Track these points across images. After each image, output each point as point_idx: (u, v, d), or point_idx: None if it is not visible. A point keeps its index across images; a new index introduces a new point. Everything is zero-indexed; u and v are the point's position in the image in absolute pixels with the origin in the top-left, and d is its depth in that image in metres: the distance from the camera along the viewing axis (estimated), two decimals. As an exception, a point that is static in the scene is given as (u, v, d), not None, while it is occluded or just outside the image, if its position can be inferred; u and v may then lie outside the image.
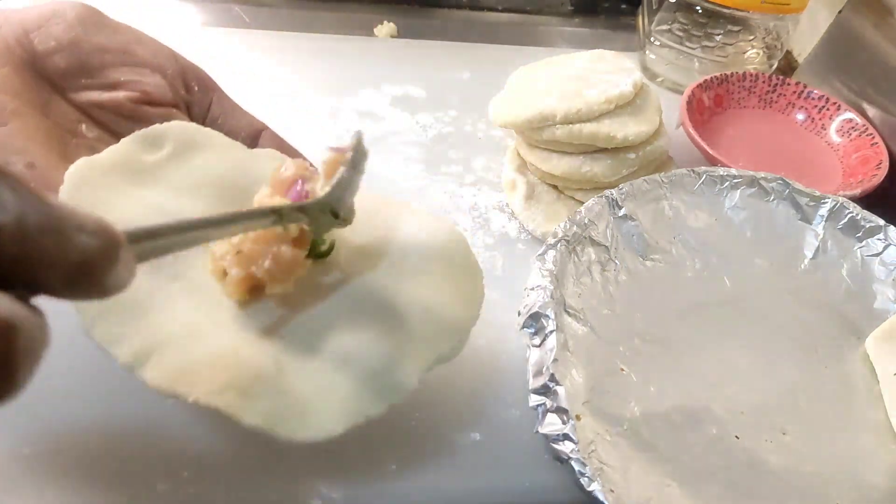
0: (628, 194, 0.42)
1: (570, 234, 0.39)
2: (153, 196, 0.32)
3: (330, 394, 0.29)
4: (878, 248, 0.43)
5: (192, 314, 0.30)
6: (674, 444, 0.34)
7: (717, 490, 0.32)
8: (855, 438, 0.36)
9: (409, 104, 0.57)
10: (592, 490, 0.29)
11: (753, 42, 0.63)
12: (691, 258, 0.42)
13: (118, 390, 0.36)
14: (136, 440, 0.34)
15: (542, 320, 0.34)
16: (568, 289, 0.37)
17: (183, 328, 0.29)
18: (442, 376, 0.39)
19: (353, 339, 0.31)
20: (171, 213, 0.32)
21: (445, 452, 0.36)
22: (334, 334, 0.31)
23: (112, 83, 0.35)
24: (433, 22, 0.71)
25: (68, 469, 0.33)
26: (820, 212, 0.44)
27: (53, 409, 0.35)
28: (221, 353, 0.29)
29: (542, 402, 0.31)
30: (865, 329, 0.41)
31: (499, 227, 0.48)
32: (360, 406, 0.30)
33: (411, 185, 0.50)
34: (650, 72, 0.66)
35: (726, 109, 0.60)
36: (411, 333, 0.31)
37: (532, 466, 0.36)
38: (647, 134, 0.45)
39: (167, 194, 0.33)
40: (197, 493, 0.33)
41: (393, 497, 0.34)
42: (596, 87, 0.45)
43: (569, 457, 0.30)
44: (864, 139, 0.56)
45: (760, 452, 0.34)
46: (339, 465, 0.35)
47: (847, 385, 0.38)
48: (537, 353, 0.33)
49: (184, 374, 0.28)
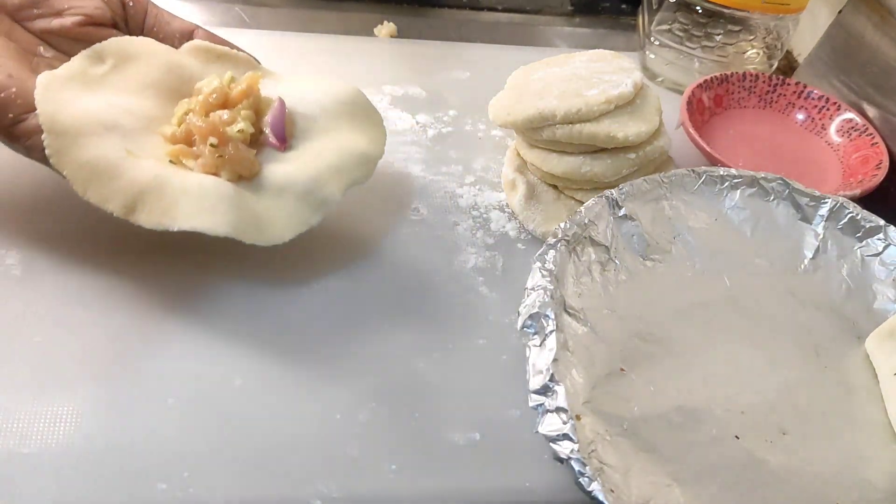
0: (628, 194, 0.42)
1: (570, 234, 0.39)
2: (107, 97, 0.40)
3: (278, 211, 0.39)
4: (878, 248, 0.43)
5: (158, 169, 0.38)
6: (674, 444, 0.34)
7: (717, 490, 0.32)
8: (855, 438, 0.36)
9: (409, 104, 0.57)
10: (592, 490, 0.29)
11: (753, 42, 0.63)
12: (691, 258, 0.42)
13: (118, 390, 0.36)
14: (136, 440, 0.34)
15: (542, 320, 0.34)
16: (568, 289, 0.37)
17: (156, 177, 0.37)
18: (442, 376, 0.39)
19: (288, 174, 0.40)
20: (122, 107, 0.40)
21: (445, 452, 0.36)
22: (273, 175, 0.40)
23: (58, 11, 0.41)
24: (433, 22, 0.71)
25: (68, 469, 0.33)
26: (820, 212, 0.44)
27: (53, 408, 0.35)
28: (190, 189, 0.37)
29: (542, 402, 0.31)
30: (865, 329, 0.41)
31: (499, 227, 0.48)
32: (302, 218, 0.39)
33: (411, 185, 0.50)
34: (650, 72, 0.66)
35: (726, 109, 0.60)
36: (330, 165, 0.41)
37: (532, 466, 0.36)
38: (647, 134, 0.45)
39: (117, 96, 0.40)
40: (197, 493, 0.33)
41: (393, 497, 0.34)
42: (596, 87, 0.45)
43: (569, 457, 0.30)
44: (864, 139, 0.56)
45: (760, 452, 0.34)
46: (339, 465, 0.35)
47: (847, 385, 0.38)
48: (537, 353, 0.33)
49: (166, 210, 0.36)
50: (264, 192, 0.39)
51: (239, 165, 0.39)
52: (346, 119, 0.44)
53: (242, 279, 0.42)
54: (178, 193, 0.37)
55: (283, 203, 0.39)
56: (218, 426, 0.35)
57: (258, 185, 0.40)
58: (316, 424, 0.36)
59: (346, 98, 0.44)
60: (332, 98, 0.44)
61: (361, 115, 0.45)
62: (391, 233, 0.47)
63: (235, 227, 0.37)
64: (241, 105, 0.41)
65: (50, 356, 0.37)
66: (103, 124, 0.38)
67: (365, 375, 0.39)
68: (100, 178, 0.36)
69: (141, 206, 0.36)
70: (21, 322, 0.38)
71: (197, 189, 0.37)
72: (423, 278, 0.44)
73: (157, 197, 0.37)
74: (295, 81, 0.45)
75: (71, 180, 0.36)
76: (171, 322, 0.39)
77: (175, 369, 0.37)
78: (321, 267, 0.44)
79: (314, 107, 0.43)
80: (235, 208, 0.37)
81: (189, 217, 0.36)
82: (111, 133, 0.38)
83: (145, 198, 0.36)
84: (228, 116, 0.40)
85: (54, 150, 0.36)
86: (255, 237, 0.38)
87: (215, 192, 0.37)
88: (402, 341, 0.41)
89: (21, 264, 0.40)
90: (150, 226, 0.36)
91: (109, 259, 0.41)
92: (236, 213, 0.37)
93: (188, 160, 0.39)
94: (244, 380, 0.37)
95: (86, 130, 0.37)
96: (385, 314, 0.42)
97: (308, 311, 0.41)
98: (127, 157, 0.38)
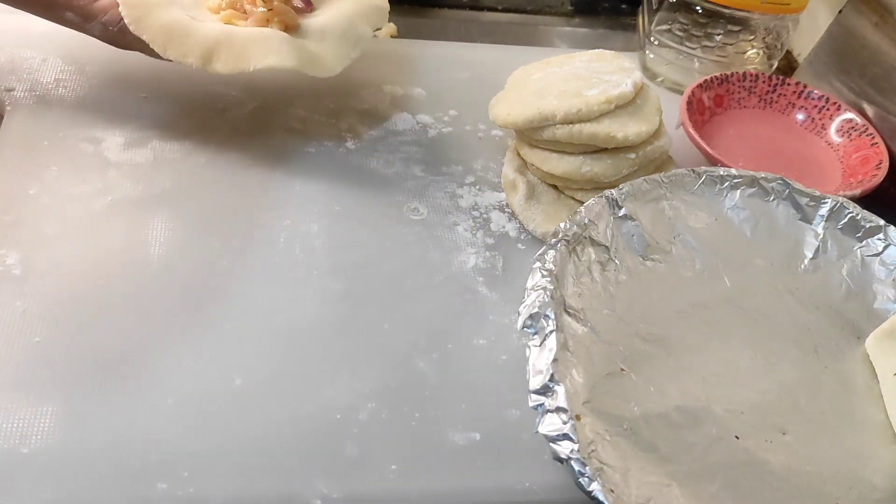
0: (628, 194, 0.42)
1: (570, 234, 0.39)
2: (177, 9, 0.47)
3: (325, 49, 0.48)
4: (878, 248, 0.43)
5: (223, 27, 0.46)
6: (674, 444, 0.34)
7: (717, 490, 0.32)
8: (855, 438, 0.36)
9: (409, 104, 0.57)
10: (592, 490, 0.29)
11: (753, 42, 0.63)
12: (691, 258, 0.42)
13: (118, 390, 0.36)
14: (136, 440, 0.34)
15: (542, 320, 0.34)
16: (568, 289, 0.37)
17: (223, 31, 0.45)
18: (442, 376, 0.39)
19: (323, 22, 0.49)
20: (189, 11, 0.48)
21: (445, 452, 0.36)
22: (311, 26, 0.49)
23: None
24: (433, 22, 0.71)
25: (68, 469, 0.33)
26: (820, 212, 0.44)
27: (53, 408, 0.35)
28: (256, 37, 0.45)
29: (541, 402, 0.31)
30: (865, 329, 0.41)
31: (499, 227, 0.48)
32: (346, 52, 0.49)
33: (411, 185, 0.50)
34: (650, 72, 0.66)
35: (726, 109, 0.60)
36: (355, 12, 0.51)
37: (532, 466, 0.36)
38: (647, 134, 0.45)
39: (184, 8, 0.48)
40: (197, 493, 0.33)
41: (393, 497, 0.34)
42: (596, 87, 0.45)
43: (569, 457, 0.30)
44: (864, 139, 0.56)
45: (760, 452, 0.34)
46: (339, 465, 0.35)
47: (847, 385, 0.38)
48: (537, 353, 0.33)
49: (238, 57, 0.44)
50: (309, 37, 0.48)
51: (286, 16, 0.48)
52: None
53: (242, 279, 0.42)
54: (246, 41, 0.45)
55: (327, 44, 0.48)
56: (218, 426, 0.35)
57: (302, 34, 0.48)
58: (316, 424, 0.36)
59: None
60: None
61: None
62: (391, 233, 0.47)
63: (300, 61, 0.45)
64: None
65: (50, 356, 0.37)
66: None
67: (365, 375, 0.39)
68: (177, 38, 0.44)
69: (216, 57, 0.44)
70: (21, 322, 0.38)
71: (261, 36, 0.45)
72: (423, 278, 0.44)
73: (228, 47, 0.44)
74: None
75: (151, 42, 0.44)
76: (171, 322, 0.39)
77: (175, 369, 0.37)
78: (321, 267, 0.44)
79: None
80: (296, 48, 0.46)
81: (261, 57, 0.44)
82: (173, 5, 0.46)
83: (219, 48, 0.44)
84: None
85: (133, 19, 0.44)
86: (316, 70, 0.47)
87: (276, 37, 0.45)
88: (402, 341, 0.41)
89: (21, 264, 0.40)
90: (227, 71, 0.44)
91: (109, 259, 0.41)
92: (297, 51, 0.46)
93: (239, 21, 0.48)
94: (244, 380, 0.37)
95: (154, 2, 0.45)
96: (385, 314, 0.42)
97: (308, 311, 0.41)
98: (194, 21, 0.46)
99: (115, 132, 0.49)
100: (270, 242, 0.44)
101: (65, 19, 0.45)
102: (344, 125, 0.54)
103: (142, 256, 0.42)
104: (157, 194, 0.45)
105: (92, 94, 0.48)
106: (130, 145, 0.48)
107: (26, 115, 0.48)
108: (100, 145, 0.48)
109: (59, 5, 0.45)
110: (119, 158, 0.47)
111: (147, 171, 0.47)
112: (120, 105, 0.50)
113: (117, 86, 0.52)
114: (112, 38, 0.46)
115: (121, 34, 0.45)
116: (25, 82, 0.51)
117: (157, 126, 0.47)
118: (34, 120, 0.48)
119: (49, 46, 0.54)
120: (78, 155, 0.47)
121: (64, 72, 0.52)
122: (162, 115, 0.51)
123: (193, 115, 0.51)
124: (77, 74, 0.52)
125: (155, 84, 0.52)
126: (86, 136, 0.48)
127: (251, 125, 0.52)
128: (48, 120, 0.48)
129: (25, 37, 0.54)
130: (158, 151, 0.48)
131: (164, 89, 0.52)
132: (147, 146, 0.48)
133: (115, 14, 0.44)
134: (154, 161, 0.47)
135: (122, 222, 0.43)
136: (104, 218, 0.43)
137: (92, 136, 0.48)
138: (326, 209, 0.47)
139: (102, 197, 0.44)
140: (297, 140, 0.51)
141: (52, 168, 0.45)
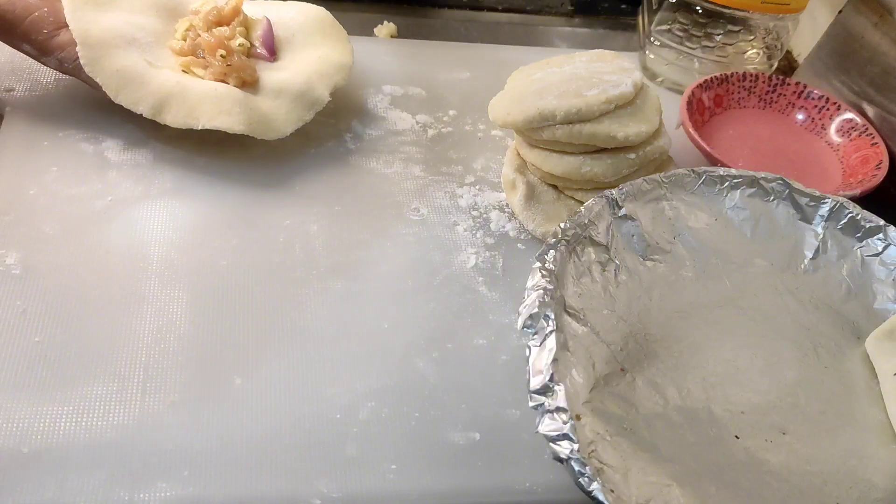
0: (628, 194, 0.42)
1: (570, 234, 0.39)
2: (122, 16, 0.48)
3: (278, 110, 0.48)
4: (878, 248, 0.43)
5: (178, 77, 0.46)
6: (674, 444, 0.34)
7: (717, 490, 0.32)
8: (855, 438, 0.36)
9: (409, 104, 0.57)
10: (592, 490, 0.29)
11: (753, 42, 0.63)
12: (691, 258, 0.42)
13: (118, 390, 0.36)
14: (136, 439, 0.34)
15: (542, 320, 0.34)
16: (568, 289, 0.37)
17: (177, 83, 0.45)
18: (442, 376, 0.39)
19: (282, 80, 0.49)
20: (135, 24, 0.48)
21: (445, 452, 0.36)
22: (269, 82, 0.49)
23: None
24: (433, 22, 0.71)
25: (68, 469, 0.33)
26: (820, 212, 0.44)
27: (53, 408, 0.35)
28: (209, 94, 0.45)
29: (542, 402, 0.31)
30: (865, 329, 0.41)
31: (499, 227, 0.48)
32: (299, 115, 0.48)
33: (411, 185, 0.50)
34: (650, 72, 0.66)
35: (726, 109, 0.60)
36: (316, 71, 0.50)
37: (532, 466, 0.36)
38: (647, 134, 0.45)
39: (129, 14, 0.48)
40: (197, 492, 0.33)
41: (393, 497, 0.34)
42: (596, 87, 0.45)
43: (569, 457, 0.30)
44: (864, 139, 0.56)
45: (760, 452, 0.34)
46: (339, 465, 0.35)
47: (847, 385, 0.38)
48: (537, 353, 0.33)
49: (188, 114, 0.44)
50: (264, 95, 0.48)
51: (244, 72, 0.47)
52: (318, 35, 0.53)
53: (242, 278, 0.42)
54: (199, 97, 0.45)
55: (281, 104, 0.48)
56: (218, 426, 0.35)
57: (258, 91, 0.48)
58: (316, 424, 0.36)
59: (317, 17, 0.54)
60: (306, 17, 0.54)
61: (331, 32, 0.54)
62: (391, 233, 0.47)
63: (248, 125, 0.45)
64: (234, 23, 0.49)
65: (50, 356, 0.37)
66: (125, 38, 0.46)
67: (365, 375, 0.39)
68: (130, 84, 0.44)
69: (167, 109, 0.44)
70: (21, 322, 0.38)
71: (213, 94, 0.45)
72: (423, 278, 0.44)
73: (180, 100, 0.44)
74: (270, 4, 0.55)
75: (104, 86, 0.44)
76: (171, 322, 0.39)
77: (175, 369, 0.37)
78: (321, 267, 0.44)
79: (291, 25, 0.53)
80: (247, 109, 0.46)
81: (211, 118, 0.44)
82: (131, 46, 0.46)
83: (171, 101, 0.44)
84: (229, 32, 0.48)
85: (89, 60, 0.44)
86: (265, 133, 0.46)
87: (229, 97, 0.45)
88: (401, 341, 0.41)
89: (21, 264, 0.40)
90: (176, 125, 0.44)
91: (109, 259, 0.41)
92: (248, 113, 0.46)
93: (197, 69, 0.47)
94: (244, 380, 0.37)
95: (112, 43, 0.45)
96: (385, 314, 0.42)
97: (308, 311, 0.41)
98: (150, 67, 0.45)
99: (115, 132, 0.49)
100: (270, 242, 0.44)
101: (22, 49, 0.46)
102: (344, 125, 0.54)
103: (142, 256, 0.42)
104: (157, 194, 0.45)
105: (92, 94, 0.48)
106: (130, 145, 0.48)
107: (26, 115, 0.48)
108: (100, 145, 0.48)
109: (17, 35, 0.45)
110: (119, 158, 0.47)
111: (147, 171, 0.47)
112: (120, 105, 0.50)
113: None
114: (68, 73, 0.47)
115: (76, 71, 0.45)
116: (25, 82, 0.51)
117: (157, 126, 0.47)
118: (34, 120, 0.48)
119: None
120: (78, 155, 0.47)
121: (64, 72, 0.52)
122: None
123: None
124: (77, 74, 0.52)
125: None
126: (86, 136, 0.48)
127: (251, 125, 0.52)
128: (48, 120, 0.48)
129: (25, 37, 0.54)
130: (158, 151, 0.48)
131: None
132: (147, 146, 0.48)
133: (71, 52, 0.44)
134: (154, 161, 0.47)
135: (122, 222, 0.43)
136: (104, 218, 0.43)
137: (92, 136, 0.48)
138: (326, 209, 0.47)
139: (102, 197, 0.44)
140: (297, 140, 0.51)
141: (52, 168, 0.45)
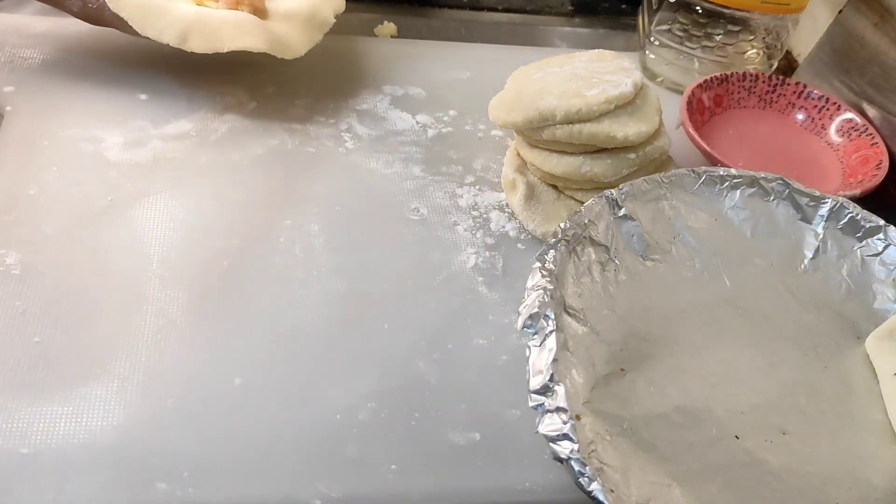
0: (628, 194, 0.42)
1: (570, 234, 0.39)
2: None
3: (292, 32, 0.51)
4: (878, 248, 0.43)
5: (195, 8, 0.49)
6: (674, 444, 0.34)
7: (717, 490, 0.32)
8: (855, 438, 0.36)
9: (409, 104, 0.57)
10: (592, 490, 0.29)
11: (753, 42, 0.63)
12: (691, 258, 0.42)
13: (118, 390, 0.36)
14: (136, 440, 0.34)
15: (542, 320, 0.34)
16: (568, 289, 0.37)
17: (197, 12, 0.48)
18: (442, 376, 0.39)
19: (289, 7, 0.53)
20: None
21: (445, 452, 0.36)
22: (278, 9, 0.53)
23: None
24: (433, 22, 0.71)
25: (68, 470, 0.33)
26: (820, 212, 0.44)
27: (53, 408, 0.35)
28: (229, 20, 0.48)
29: (541, 402, 0.31)
30: (865, 329, 0.41)
31: (499, 227, 0.48)
32: (311, 35, 0.53)
33: (411, 185, 0.50)
34: (650, 72, 0.66)
35: (726, 109, 0.60)
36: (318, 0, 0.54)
37: (532, 466, 0.36)
38: (647, 134, 0.45)
39: None
40: (197, 493, 0.33)
41: (393, 497, 0.34)
42: (596, 87, 0.45)
43: (569, 457, 0.30)
44: (864, 139, 0.56)
45: (760, 452, 0.34)
46: (339, 465, 0.35)
47: (847, 385, 0.38)
48: (537, 353, 0.33)
49: (212, 38, 0.47)
50: (277, 21, 0.52)
51: (255, 1, 0.51)
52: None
53: (242, 279, 0.42)
54: (220, 23, 0.48)
55: (293, 27, 0.52)
56: (218, 426, 0.35)
57: (270, 17, 0.52)
58: (316, 424, 0.36)
59: None
60: None
61: None
62: (391, 233, 0.47)
63: (270, 44, 0.48)
64: None
65: (50, 356, 0.37)
66: None
67: (365, 375, 0.39)
68: (153, 15, 0.47)
69: (191, 36, 0.47)
70: (21, 322, 0.38)
71: (233, 19, 0.49)
72: (423, 278, 0.44)
73: (202, 27, 0.47)
74: None
75: (129, 19, 0.47)
76: (171, 322, 0.39)
77: (175, 369, 0.37)
78: (321, 267, 0.44)
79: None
80: (266, 31, 0.49)
81: (234, 39, 0.47)
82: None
83: (193, 28, 0.47)
84: None
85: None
86: (285, 52, 0.50)
87: (248, 21, 0.49)
88: (401, 341, 0.41)
89: (21, 264, 0.40)
90: (202, 50, 0.47)
91: (109, 259, 0.41)
92: (267, 34, 0.49)
93: (210, 3, 0.51)
94: (244, 380, 0.37)
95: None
96: (385, 314, 0.42)
97: (308, 311, 0.41)
98: (169, 1, 0.48)
99: (115, 132, 0.49)
100: (270, 242, 0.44)
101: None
102: (344, 125, 0.54)
103: (142, 256, 0.42)
104: (156, 194, 0.45)
105: (92, 94, 0.48)
106: (130, 145, 0.48)
107: (26, 115, 0.48)
108: (100, 145, 0.48)
109: None
110: (119, 158, 0.47)
111: (147, 171, 0.47)
112: (120, 105, 0.50)
113: (117, 86, 0.52)
114: (90, 15, 0.48)
115: (99, 11, 0.47)
116: (25, 82, 0.51)
117: (157, 126, 0.47)
118: (34, 120, 0.48)
119: (49, 46, 0.54)
120: (78, 155, 0.47)
121: (64, 72, 0.52)
122: (162, 115, 0.51)
123: (193, 116, 0.51)
124: (77, 74, 0.52)
125: (155, 84, 0.52)
126: (86, 136, 0.48)
127: (251, 125, 0.52)
128: (48, 120, 0.48)
129: (25, 37, 0.54)
130: (158, 151, 0.48)
131: (164, 89, 0.52)
132: (147, 146, 0.48)
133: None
134: (154, 161, 0.47)
135: (122, 222, 0.43)
136: (104, 218, 0.43)
137: (92, 136, 0.48)
138: (326, 209, 0.47)
139: (102, 197, 0.44)
140: (297, 140, 0.51)
141: (52, 168, 0.45)
